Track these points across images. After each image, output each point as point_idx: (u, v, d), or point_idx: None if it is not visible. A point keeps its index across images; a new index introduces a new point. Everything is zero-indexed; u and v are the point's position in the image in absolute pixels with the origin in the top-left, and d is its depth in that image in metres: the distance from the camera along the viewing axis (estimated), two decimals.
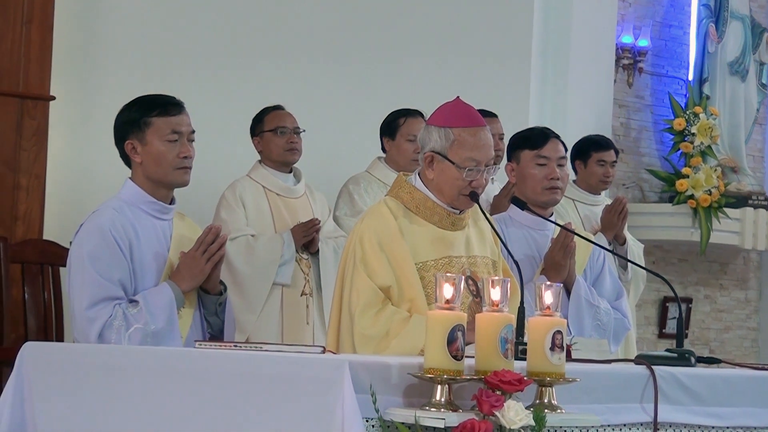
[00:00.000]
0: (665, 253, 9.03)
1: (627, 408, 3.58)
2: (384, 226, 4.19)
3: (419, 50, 7.60)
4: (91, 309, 4.09)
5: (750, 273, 9.57)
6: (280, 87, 7.01)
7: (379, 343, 4.06)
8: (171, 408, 3.43)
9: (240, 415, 3.29)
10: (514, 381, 3.16)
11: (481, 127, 4.21)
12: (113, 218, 4.19)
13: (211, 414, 3.34)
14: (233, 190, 6.25)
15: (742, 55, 9.02)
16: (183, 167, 4.24)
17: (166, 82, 6.33)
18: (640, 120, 8.95)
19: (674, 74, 9.09)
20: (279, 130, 6.29)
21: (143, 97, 4.32)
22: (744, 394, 3.82)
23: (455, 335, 3.17)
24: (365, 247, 4.16)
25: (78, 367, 3.68)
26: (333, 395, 3.09)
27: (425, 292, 4.15)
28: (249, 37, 7.20)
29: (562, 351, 3.33)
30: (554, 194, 4.90)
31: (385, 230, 4.18)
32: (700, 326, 9.29)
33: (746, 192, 8.96)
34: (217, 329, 4.34)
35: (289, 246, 6.17)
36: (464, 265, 4.27)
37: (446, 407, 3.16)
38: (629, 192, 8.76)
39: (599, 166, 6.72)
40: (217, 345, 3.63)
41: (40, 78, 6.05)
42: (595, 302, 4.86)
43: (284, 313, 6.21)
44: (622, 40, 8.68)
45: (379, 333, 4.07)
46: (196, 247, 4.22)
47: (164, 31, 6.96)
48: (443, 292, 3.21)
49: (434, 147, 4.20)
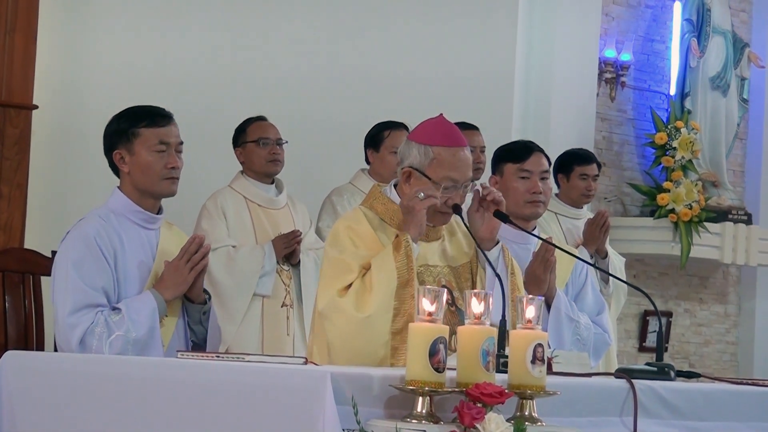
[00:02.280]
0: (646, 267, 9.05)
1: (607, 421, 3.59)
2: (356, 221, 4.21)
3: (402, 63, 7.62)
4: (73, 315, 4.12)
5: (729, 287, 9.60)
6: (263, 96, 7.02)
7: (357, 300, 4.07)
8: (152, 418, 3.43)
9: (221, 425, 3.29)
10: (495, 393, 3.17)
11: (461, 147, 4.22)
12: (99, 226, 4.22)
13: (192, 424, 3.34)
14: (215, 200, 6.25)
15: (724, 70, 9.05)
16: (170, 178, 4.27)
17: (151, 92, 6.33)
18: (622, 134, 8.98)
19: (656, 88, 9.12)
20: (261, 141, 6.30)
21: (132, 108, 4.35)
22: (723, 409, 3.84)
23: (437, 347, 3.18)
24: (338, 236, 4.18)
25: (59, 375, 3.67)
26: (314, 406, 3.09)
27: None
28: (235, 48, 7.21)
29: (543, 364, 3.34)
30: (536, 208, 4.91)
31: (358, 223, 4.20)
32: (680, 340, 9.31)
33: (726, 206, 9.00)
34: (201, 338, 4.36)
35: (270, 257, 6.17)
36: (440, 275, 4.28)
37: (427, 419, 3.16)
38: (611, 206, 8.78)
39: (581, 179, 6.74)
40: (199, 355, 3.63)
41: (23, 87, 6.05)
42: (575, 317, 4.86)
43: (264, 324, 6.21)
44: (605, 54, 8.71)
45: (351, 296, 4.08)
46: (180, 256, 4.24)
47: (149, 39, 6.96)
48: (424, 305, 3.22)
49: (413, 163, 4.21)
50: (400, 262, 4.07)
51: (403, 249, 4.08)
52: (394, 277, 4.05)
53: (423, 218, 4.13)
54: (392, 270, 4.05)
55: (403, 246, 4.08)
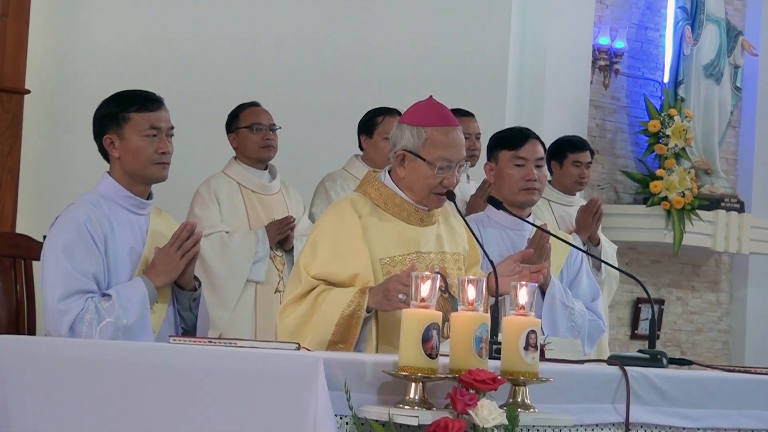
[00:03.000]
0: (638, 255, 9.06)
1: (599, 408, 3.59)
2: (342, 225, 4.21)
3: (396, 48, 7.60)
4: (63, 301, 4.10)
5: (722, 275, 9.62)
6: (256, 81, 7.00)
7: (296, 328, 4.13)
8: (144, 403, 3.42)
9: (213, 410, 3.28)
10: (488, 380, 3.16)
11: (453, 126, 4.22)
12: (89, 212, 4.19)
13: (184, 409, 3.34)
14: (208, 186, 6.24)
15: (717, 58, 9.05)
16: (161, 162, 4.25)
17: (143, 76, 6.31)
18: (615, 121, 8.98)
19: (650, 76, 9.12)
20: (255, 127, 6.28)
21: (123, 92, 4.32)
22: (715, 396, 3.84)
23: (430, 333, 3.17)
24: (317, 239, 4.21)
25: (50, 360, 3.67)
26: (307, 392, 3.08)
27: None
28: (227, 33, 7.18)
29: (536, 351, 3.33)
30: (531, 195, 4.90)
31: (343, 230, 4.20)
32: (672, 327, 9.32)
33: (719, 194, 9.00)
34: (190, 325, 4.35)
35: (263, 243, 6.17)
36: (433, 261, 4.28)
37: (420, 405, 3.16)
38: (604, 193, 8.79)
39: (575, 166, 6.74)
40: (191, 340, 3.63)
41: (15, 71, 6.03)
42: (569, 304, 4.86)
43: (258, 310, 6.20)
44: (598, 41, 8.70)
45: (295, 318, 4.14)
46: (171, 243, 4.22)
47: (141, 25, 6.94)
48: (419, 291, 3.21)
49: (406, 145, 4.21)
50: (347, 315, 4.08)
51: (355, 309, 4.08)
52: (334, 320, 4.08)
53: (390, 308, 4.09)
54: (335, 315, 4.07)
55: (357, 305, 4.09)
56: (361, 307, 4.05)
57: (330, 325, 4.06)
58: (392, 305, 4.04)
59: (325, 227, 4.25)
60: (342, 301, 4.08)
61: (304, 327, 4.12)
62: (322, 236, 4.21)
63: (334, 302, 4.09)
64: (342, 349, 4.07)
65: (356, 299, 4.08)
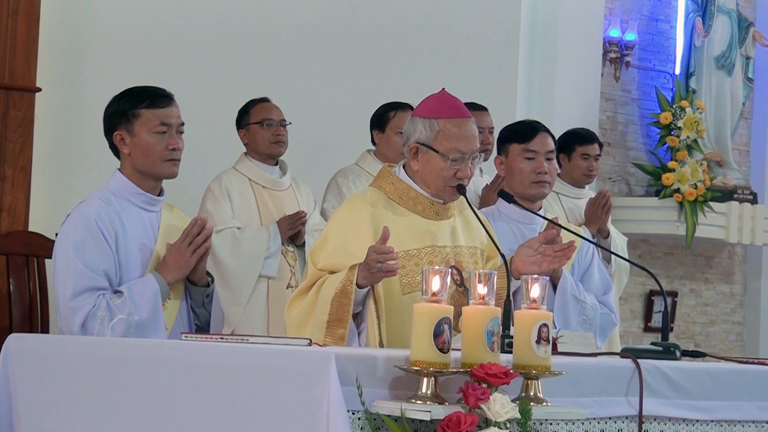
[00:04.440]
0: (651, 247, 9.04)
1: (612, 401, 3.59)
2: (352, 220, 4.21)
3: (407, 42, 7.60)
4: (75, 299, 4.10)
5: (735, 267, 9.60)
6: (267, 78, 7.00)
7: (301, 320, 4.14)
8: (156, 399, 3.43)
9: (225, 406, 3.28)
10: (500, 374, 3.16)
11: (466, 118, 4.22)
12: (100, 209, 4.19)
13: (197, 405, 3.34)
14: (219, 182, 6.24)
15: (729, 50, 9.03)
16: (171, 159, 4.24)
17: (153, 73, 6.32)
18: (626, 114, 8.96)
19: (661, 68, 9.10)
20: (265, 123, 6.28)
21: (133, 89, 4.31)
22: (729, 388, 3.83)
23: (442, 328, 3.17)
24: (327, 233, 4.22)
25: (63, 358, 3.67)
26: (319, 387, 3.08)
27: (405, 280, 4.18)
28: (237, 29, 7.19)
29: (548, 344, 3.33)
30: (542, 188, 4.89)
31: (352, 225, 4.20)
32: (686, 320, 9.31)
33: (732, 186, 8.98)
34: (204, 321, 4.35)
35: (275, 238, 6.17)
36: (448, 255, 4.28)
37: (432, 400, 3.16)
38: (616, 186, 8.77)
39: (583, 159, 6.73)
40: (203, 337, 3.63)
41: (26, 69, 6.03)
42: (581, 297, 4.85)
43: (270, 305, 6.20)
44: (609, 33, 8.68)
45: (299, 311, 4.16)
46: (182, 239, 4.22)
47: (151, 21, 6.94)
48: (430, 285, 3.21)
49: (419, 138, 4.21)
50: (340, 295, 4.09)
51: (345, 284, 4.08)
52: (329, 299, 4.08)
53: (374, 280, 4.07)
54: (330, 294, 4.08)
55: (347, 280, 4.08)
56: (351, 282, 4.03)
57: (326, 305, 4.06)
58: (375, 276, 4.03)
59: (336, 221, 4.25)
60: (335, 281, 4.08)
61: (308, 317, 4.12)
62: (332, 230, 4.22)
63: (330, 284, 4.09)
64: (339, 332, 4.04)
65: (346, 276, 4.08)
